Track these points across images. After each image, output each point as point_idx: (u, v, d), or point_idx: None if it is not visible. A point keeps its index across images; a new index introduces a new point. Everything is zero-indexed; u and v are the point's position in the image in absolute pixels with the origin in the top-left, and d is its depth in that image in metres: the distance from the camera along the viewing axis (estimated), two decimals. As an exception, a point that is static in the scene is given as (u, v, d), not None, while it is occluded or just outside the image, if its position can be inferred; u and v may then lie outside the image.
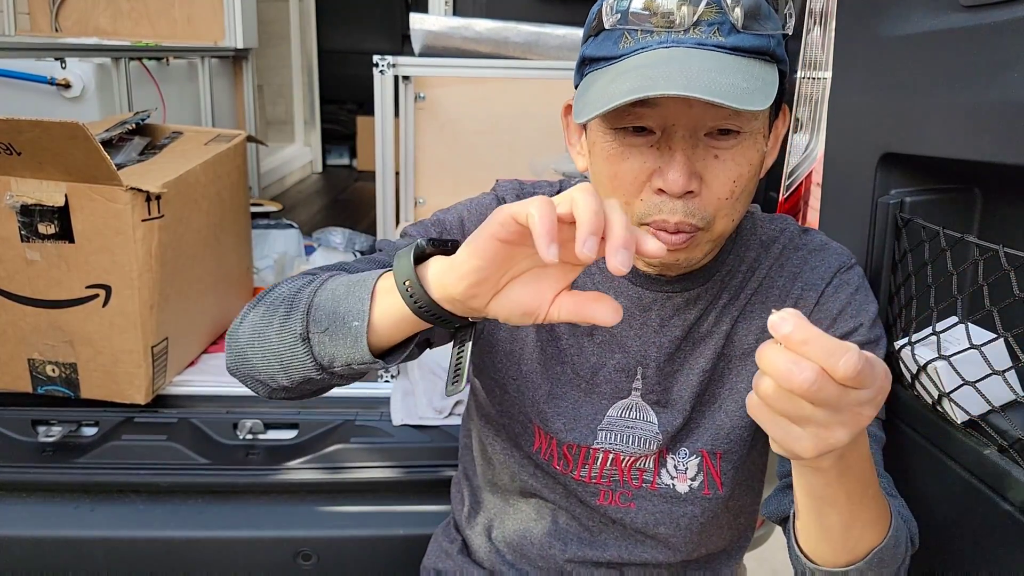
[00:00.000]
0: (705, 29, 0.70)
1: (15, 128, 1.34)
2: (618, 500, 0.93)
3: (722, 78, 0.68)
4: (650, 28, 0.71)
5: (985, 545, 0.83)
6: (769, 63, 0.73)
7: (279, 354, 0.70)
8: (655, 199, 0.75)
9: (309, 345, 0.69)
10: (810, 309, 0.87)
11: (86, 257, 1.47)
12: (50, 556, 1.44)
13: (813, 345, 0.50)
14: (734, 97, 0.66)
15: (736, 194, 0.76)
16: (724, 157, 0.74)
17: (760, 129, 0.76)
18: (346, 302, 0.67)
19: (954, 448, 0.88)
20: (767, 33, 0.73)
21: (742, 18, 0.71)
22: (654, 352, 0.89)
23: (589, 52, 0.77)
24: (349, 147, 5.06)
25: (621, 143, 0.75)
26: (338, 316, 0.67)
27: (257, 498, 1.50)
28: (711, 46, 0.70)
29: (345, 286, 0.68)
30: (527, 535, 0.98)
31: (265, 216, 2.68)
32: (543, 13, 2.54)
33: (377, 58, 1.75)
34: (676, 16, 0.70)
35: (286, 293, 0.73)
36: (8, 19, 2.82)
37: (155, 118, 2.02)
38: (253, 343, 0.72)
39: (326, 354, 0.68)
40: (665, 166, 0.73)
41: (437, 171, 2.06)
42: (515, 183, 0.94)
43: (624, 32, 0.73)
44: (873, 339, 0.86)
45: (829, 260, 0.89)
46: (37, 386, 1.57)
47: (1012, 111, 0.78)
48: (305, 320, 0.69)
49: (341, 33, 5.04)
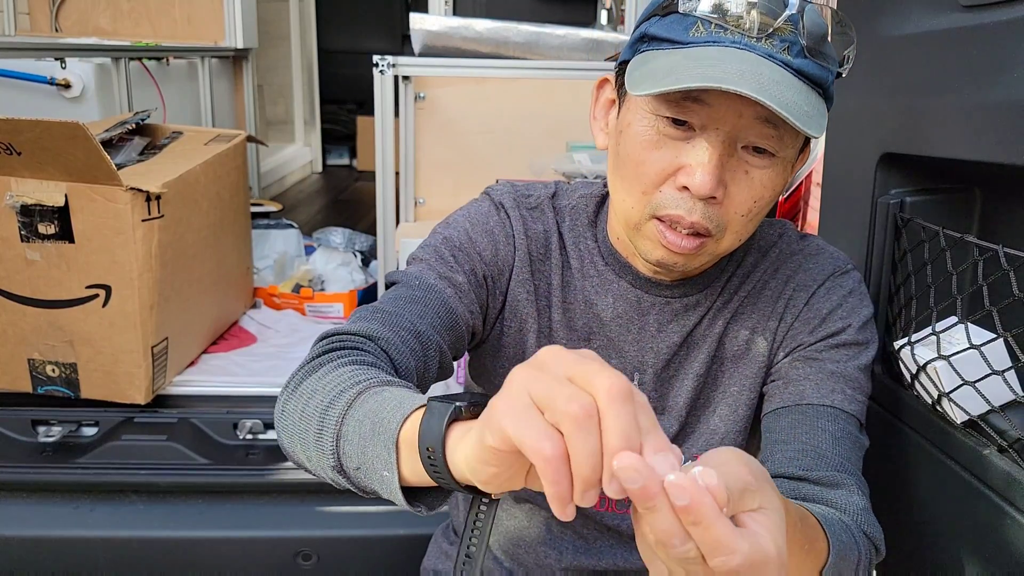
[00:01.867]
0: (777, 44, 0.70)
1: (15, 128, 1.34)
2: (614, 506, 0.92)
3: (789, 94, 0.68)
4: (724, 25, 0.71)
5: (985, 545, 0.83)
6: (821, 97, 0.73)
7: (324, 472, 0.65)
8: (676, 194, 0.74)
9: (345, 476, 0.63)
10: (799, 310, 0.87)
11: (86, 257, 1.47)
12: (50, 556, 1.44)
13: (703, 532, 0.43)
14: (799, 116, 0.67)
15: (752, 214, 0.76)
16: (753, 175, 0.74)
17: (791, 159, 0.77)
18: (373, 446, 0.59)
19: (954, 448, 0.88)
20: (827, 67, 0.73)
21: (811, 44, 0.71)
22: (651, 358, 0.89)
23: (654, 30, 0.75)
24: (349, 147, 5.07)
25: (659, 131, 0.74)
26: (367, 459, 0.60)
27: (257, 498, 1.50)
28: (780, 61, 0.70)
29: (371, 422, 0.60)
30: (521, 542, 0.98)
31: (265, 216, 2.68)
32: (543, 13, 2.54)
33: (377, 58, 1.75)
34: (749, 22, 0.70)
35: (317, 403, 0.66)
36: (8, 19, 2.82)
37: (155, 118, 2.02)
38: (297, 450, 0.67)
39: (365, 487, 0.63)
40: (696, 165, 0.72)
41: (437, 171, 2.06)
42: (509, 186, 0.93)
43: (699, 21, 0.72)
44: (861, 341, 0.85)
45: (823, 264, 0.88)
46: (37, 386, 1.57)
47: (1012, 111, 0.78)
48: (336, 453, 0.63)
49: (341, 33, 5.04)
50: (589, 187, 0.93)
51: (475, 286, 0.86)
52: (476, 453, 0.48)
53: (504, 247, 0.88)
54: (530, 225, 0.89)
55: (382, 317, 0.78)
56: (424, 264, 0.86)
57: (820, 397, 0.82)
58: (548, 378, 0.46)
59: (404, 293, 0.83)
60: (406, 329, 0.77)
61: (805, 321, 0.86)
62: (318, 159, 4.69)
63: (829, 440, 0.79)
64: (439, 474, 0.55)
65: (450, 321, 0.82)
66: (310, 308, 2.18)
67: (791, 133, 0.73)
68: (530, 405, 0.45)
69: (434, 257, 0.86)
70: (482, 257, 0.87)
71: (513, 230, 0.88)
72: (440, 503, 0.61)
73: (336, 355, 0.72)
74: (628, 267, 0.87)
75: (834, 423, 0.80)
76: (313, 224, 2.93)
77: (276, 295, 2.19)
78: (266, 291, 2.20)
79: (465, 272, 0.85)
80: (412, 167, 2.04)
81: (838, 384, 0.82)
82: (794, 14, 0.70)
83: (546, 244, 0.89)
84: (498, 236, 0.88)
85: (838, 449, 0.79)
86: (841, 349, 0.84)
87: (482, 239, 0.87)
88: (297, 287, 2.21)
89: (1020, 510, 0.78)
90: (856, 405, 0.83)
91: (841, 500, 0.76)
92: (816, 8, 0.72)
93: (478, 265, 0.86)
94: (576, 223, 0.90)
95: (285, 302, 2.19)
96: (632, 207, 0.78)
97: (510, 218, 0.89)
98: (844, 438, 0.80)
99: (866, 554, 0.73)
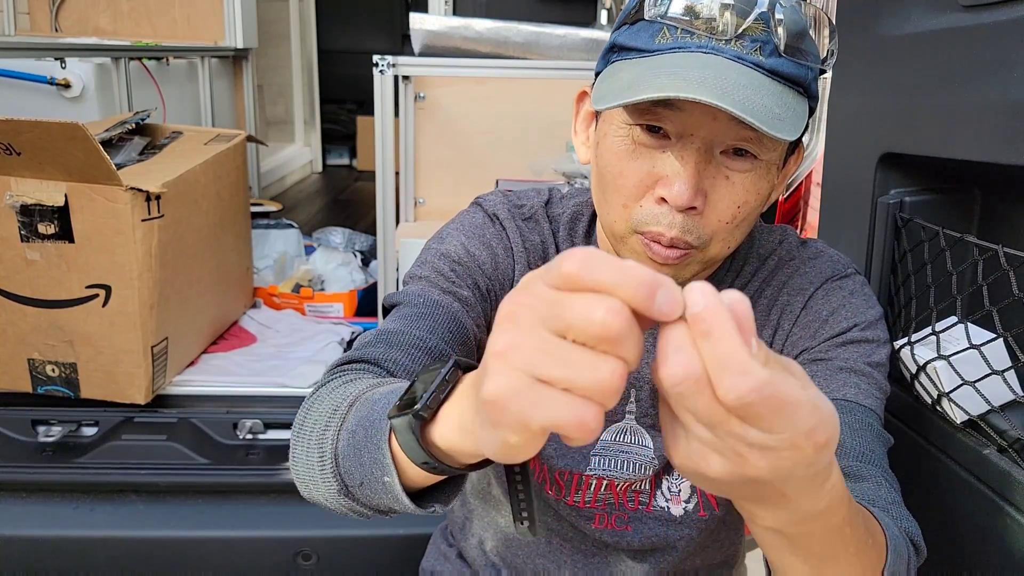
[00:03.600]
0: (748, 44, 0.67)
1: (15, 129, 1.34)
2: (614, 523, 0.90)
3: (756, 97, 0.65)
4: (691, 29, 0.68)
5: (985, 545, 0.83)
6: (801, 95, 0.70)
7: (337, 504, 0.62)
8: (655, 208, 0.72)
9: (354, 498, 0.60)
10: (796, 315, 0.83)
11: (86, 257, 1.47)
12: (50, 556, 1.44)
13: (714, 344, 0.37)
14: (765, 120, 0.64)
15: (737, 220, 0.73)
16: (734, 180, 0.71)
17: (776, 161, 0.74)
18: (368, 451, 0.56)
19: (953, 448, 0.88)
20: (806, 64, 0.70)
21: (786, 41, 0.68)
22: (648, 373, 0.85)
23: (621, 40, 0.73)
24: (349, 147, 5.07)
25: (633, 141, 0.72)
26: (366, 469, 0.56)
27: (257, 498, 1.50)
28: (750, 63, 0.67)
29: (364, 429, 0.57)
30: (520, 552, 0.96)
31: (265, 216, 2.68)
32: (543, 13, 2.54)
33: (377, 58, 1.75)
34: (721, 23, 0.67)
35: (317, 429, 0.63)
36: (8, 19, 2.82)
37: (155, 118, 2.03)
38: (308, 487, 0.64)
39: (374, 504, 0.59)
40: (673, 176, 0.70)
41: (437, 171, 2.06)
42: (500, 196, 0.89)
43: (664, 27, 0.69)
44: (871, 339, 0.80)
45: (822, 267, 0.85)
46: (37, 386, 1.57)
47: (1012, 111, 0.78)
48: (337, 474, 0.60)
49: (341, 33, 5.05)
50: (584, 194, 0.90)
51: (480, 300, 0.82)
52: (498, 450, 0.41)
53: (503, 259, 0.85)
54: (527, 236, 0.86)
55: (387, 338, 0.74)
56: (424, 282, 0.82)
57: (831, 391, 0.76)
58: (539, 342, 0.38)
59: (409, 312, 0.78)
60: (415, 347, 0.73)
61: (804, 326, 0.82)
62: (318, 159, 4.69)
63: (846, 431, 0.73)
64: (450, 472, 0.51)
65: (461, 336, 0.78)
66: (310, 308, 2.18)
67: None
68: (532, 382, 0.37)
69: (433, 274, 0.82)
70: (483, 270, 0.83)
71: (511, 242, 0.85)
72: (454, 495, 0.58)
73: (336, 382, 0.68)
74: None
75: (849, 415, 0.74)
76: (313, 224, 2.93)
77: (276, 295, 2.19)
78: (266, 291, 2.20)
79: (468, 286, 0.81)
80: (412, 167, 2.05)
81: (850, 379, 0.77)
82: (764, 12, 0.67)
83: (543, 256, 0.86)
84: (496, 248, 0.84)
85: (857, 440, 0.73)
86: (849, 347, 0.79)
87: (481, 252, 0.84)
88: (297, 287, 2.21)
89: (1020, 510, 0.78)
90: (872, 400, 0.77)
91: (868, 493, 0.69)
92: (793, 5, 0.69)
93: (480, 279, 0.83)
94: (572, 233, 0.88)
95: (285, 302, 2.19)
96: (615, 220, 0.75)
97: (506, 230, 0.86)
98: (863, 429, 0.74)
99: (912, 555, 0.66)
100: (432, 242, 0.87)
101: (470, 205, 0.91)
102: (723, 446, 0.40)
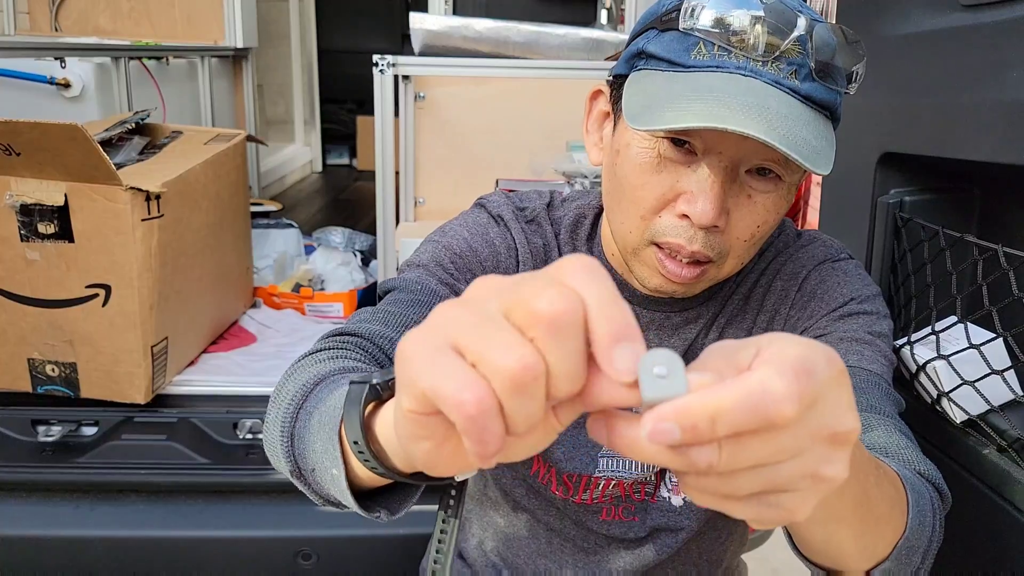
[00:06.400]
0: (784, 67, 0.66)
1: (14, 130, 1.34)
2: (621, 514, 0.90)
3: (797, 129, 0.64)
4: (729, 47, 0.67)
5: (985, 545, 0.83)
6: (828, 119, 0.70)
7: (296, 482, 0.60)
8: (676, 221, 0.71)
9: (307, 483, 0.58)
10: (791, 299, 0.83)
11: (86, 257, 1.47)
12: (50, 556, 1.44)
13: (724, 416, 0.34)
14: (808, 156, 0.63)
15: (755, 239, 0.73)
16: (757, 200, 0.71)
17: (796, 183, 0.73)
18: (320, 439, 0.53)
19: (953, 448, 0.88)
20: (836, 89, 0.69)
21: (819, 65, 0.67)
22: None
23: (652, 48, 0.70)
24: (349, 147, 5.07)
25: (659, 155, 0.70)
26: (317, 456, 0.54)
27: (257, 498, 1.50)
28: (787, 87, 0.66)
29: (320, 414, 0.55)
30: (520, 552, 0.96)
31: (265, 216, 2.68)
32: (543, 13, 2.54)
33: (377, 58, 1.75)
34: (759, 41, 0.66)
35: (283, 403, 0.62)
36: (8, 19, 2.82)
37: (155, 118, 2.02)
38: (273, 459, 0.63)
39: (325, 494, 0.57)
40: (697, 193, 0.68)
41: (437, 171, 2.06)
42: (503, 197, 0.89)
43: (701, 42, 0.67)
44: (871, 311, 0.78)
45: (815, 252, 0.85)
46: (37, 386, 1.57)
47: (1012, 111, 0.78)
48: (292, 455, 0.58)
49: (341, 33, 5.05)
50: (586, 197, 0.89)
51: None
52: (401, 427, 0.37)
53: (506, 259, 0.84)
54: (531, 239, 0.86)
55: (383, 318, 0.74)
56: (423, 270, 0.81)
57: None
58: (476, 312, 0.35)
59: (405, 297, 0.78)
60: (409, 329, 0.74)
61: (801, 307, 0.82)
62: (318, 159, 4.69)
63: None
64: (374, 467, 0.48)
65: None
66: (310, 308, 2.18)
67: None
68: (444, 345, 0.34)
69: (433, 264, 0.82)
70: (483, 267, 0.83)
71: (516, 243, 0.85)
72: (404, 505, 0.54)
73: (317, 356, 0.67)
74: (625, 284, 0.83)
75: (855, 376, 0.72)
76: (313, 224, 2.93)
77: (276, 295, 2.19)
78: (266, 291, 2.20)
79: (467, 281, 0.80)
80: (412, 167, 2.05)
81: (852, 347, 0.75)
82: (803, 35, 0.66)
83: (545, 259, 0.86)
84: (499, 247, 0.84)
85: (864, 397, 0.71)
86: (849, 319, 0.78)
87: (483, 249, 0.83)
88: (297, 287, 2.21)
89: (1019, 509, 0.78)
90: (879, 366, 0.75)
91: (879, 441, 0.66)
92: (827, 25, 0.68)
93: (479, 274, 0.80)
94: (574, 237, 0.87)
95: (285, 302, 2.19)
96: (630, 231, 0.74)
97: (511, 231, 0.85)
98: (871, 388, 0.72)
99: (935, 500, 0.64)
100: (434, 235, 0.86)
101: (473, 205, 0.90)
102: (787, 482, 0.37)
